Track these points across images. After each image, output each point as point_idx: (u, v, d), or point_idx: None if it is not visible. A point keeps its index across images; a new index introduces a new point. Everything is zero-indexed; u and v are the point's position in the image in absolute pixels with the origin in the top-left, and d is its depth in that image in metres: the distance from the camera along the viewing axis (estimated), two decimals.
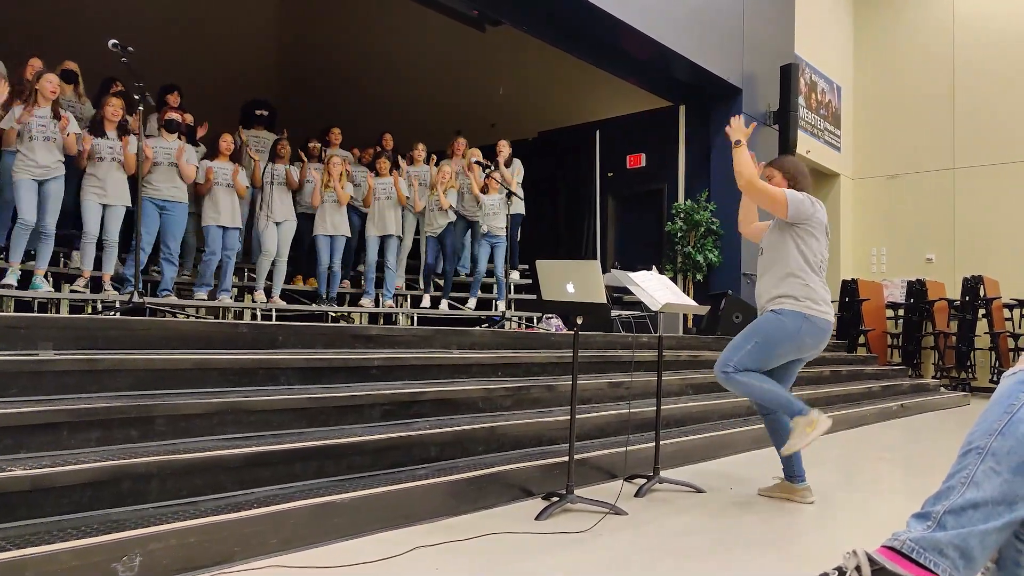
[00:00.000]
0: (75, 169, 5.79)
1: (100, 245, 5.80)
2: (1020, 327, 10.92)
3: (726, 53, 9.55)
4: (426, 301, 7.78)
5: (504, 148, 8.38)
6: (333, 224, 7.19)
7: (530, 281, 8.68)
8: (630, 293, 4.11)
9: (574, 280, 3.38)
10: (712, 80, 9.49)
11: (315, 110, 12.09)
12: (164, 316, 4.96)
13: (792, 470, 3.78)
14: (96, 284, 5.93)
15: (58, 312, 5.54)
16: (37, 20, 9.78)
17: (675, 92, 10.27)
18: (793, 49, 10.85)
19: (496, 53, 11.59)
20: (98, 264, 5.92)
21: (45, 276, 5.54)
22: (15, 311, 5.26)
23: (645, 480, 3.94)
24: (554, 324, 7.67)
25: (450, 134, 9.03)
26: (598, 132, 10.76)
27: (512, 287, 8.57)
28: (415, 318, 7.66)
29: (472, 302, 7.95)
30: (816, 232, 3.59)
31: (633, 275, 3.99)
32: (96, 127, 5.76)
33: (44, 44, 6.67)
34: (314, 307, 7.16)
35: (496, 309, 8.01)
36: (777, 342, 3.56)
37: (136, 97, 5.02)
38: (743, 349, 3.60)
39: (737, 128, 3.72)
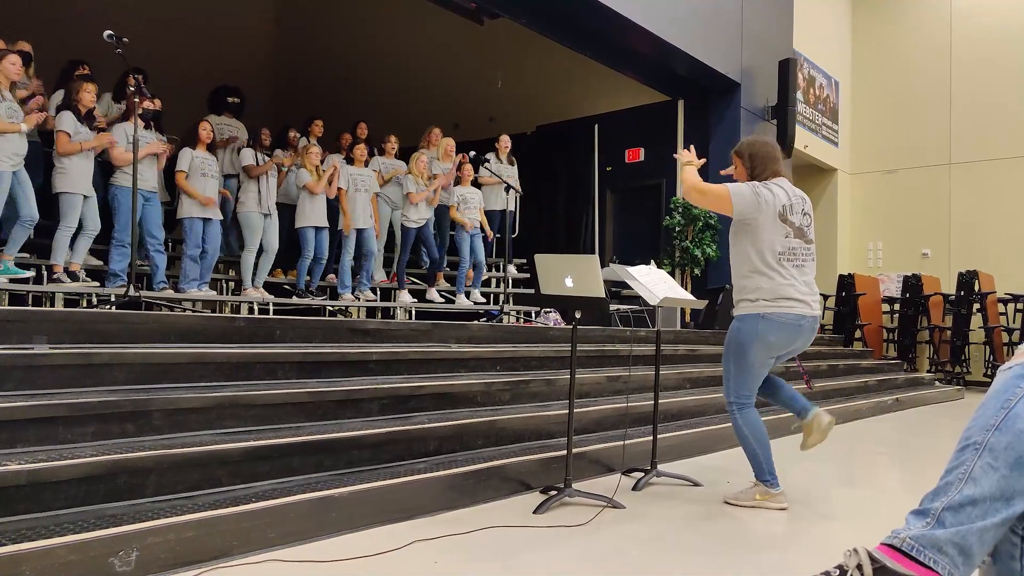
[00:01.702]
0: (41, 155, 5.62)
1: (82, 236, 5.71)
2: (1014, 321, 10.96)
3: (725, 48, 9.54)
4: (406, 296, 7.72)
5: (505, 143, 8.34)
6: (319, 216, 7.13)
7: (529, 275, 8.68)
8: (628, 287, 4.10)
9: (573, 274, 3.38)
10: (711, 75, 9.48)
11: (311, 103, 12.04)
12: (160, 310, 4.95)
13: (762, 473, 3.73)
14: (71, 275, 5.85)
15: (53, 306, 5.51)
16: (29, 11, 9.72)
17: (674, 86, 10.25)
18: (792, 44, 10.84)
19: (494, 47, 11.56)
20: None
21: (35, 268, 5.48)
22: (9, 304, 5.24)
23: (643, 474, 3.95)
24: (552, 318, 7.67)
25: (447, 128, 9.01)
26: (597, 126, 10.75)
27: (511, 281, 8.56)
28: (413, 312, 7.64)
29: (461, 297, 7.91)
30: (766, 224, 3.38)
31: (631, 269, 3.99)
32: (75, 113, 5.56)
33: (37, 36, 6.61)
34: (312, 301, 7.13)
35: (471, 297, 7.92)
36: (745, 352, 3.45)
37: (131, 89, 4.99)
38: (730, 376, 3.53)
39: (688, 158, 3.66)
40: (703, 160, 3.70)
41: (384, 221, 7.99)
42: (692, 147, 3.75)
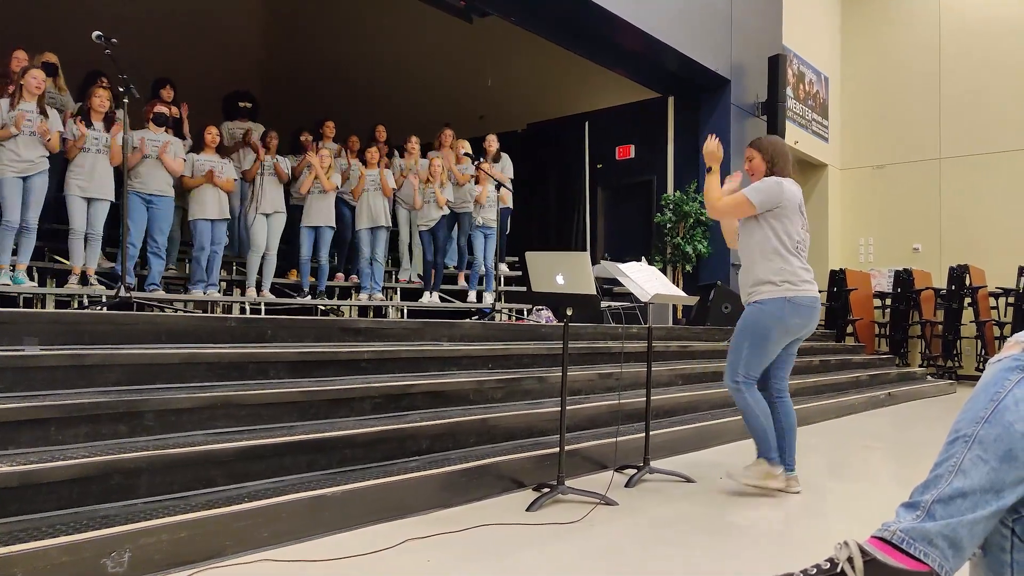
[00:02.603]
0: (57, 163, 5.69)
1: (84, 238, 5.74)
2: (1006, 315, 11.01)
3: (715, 44, 9.56)
4: (435, 298, 7.76)
5: (492, 143, 8.36)
6: (318, 216, 7.14)
7: (520, 273, 8.69)
8: (620, 284, 4.11)
9: (564, 271, 3.38)
10: (701, 71, 9.50)
11: (302, 102, 12.01)
12: (152, 311, 4.93)
13: (783, 458, 3.79)
14: (81, 278, 5.88)
15: (44, 307, 5.49)
16: (19, 10, 9.65)
17: (664, 83, 10.27)
18: (781, 40, 10.87)
19: (484, 44, 11.54)
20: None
21: (29, 271, 5.49)
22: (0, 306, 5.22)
23: (635, 470, 3.96)
24: (544, 316, 7.68)
25: (438, 126, 9.00)
26: (587, 124, 10.75)
27: (503, 279, 8.57)
28: (405, 311, 7.64)
29: (473, 294, 7.95)
30: (788, 214, 3.59)
31: (623, 266, 4.00)
32: (84, 117, 5.68)
33: (27, 35, 6.59)
34: (304, 301, 7.13)
35: (483, 300, 7.99)
36: (766, 334, 3.56)
37: (121, 89, 4.97)
38: (742, 355, 3.60)
39: (711, 153, 3.81)
40: (721, 148, 3.83)
41: (402, 223, 8.03)
42: (715, 138, 3.87)
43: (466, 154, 7.76)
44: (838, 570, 1.60)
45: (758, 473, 3.63)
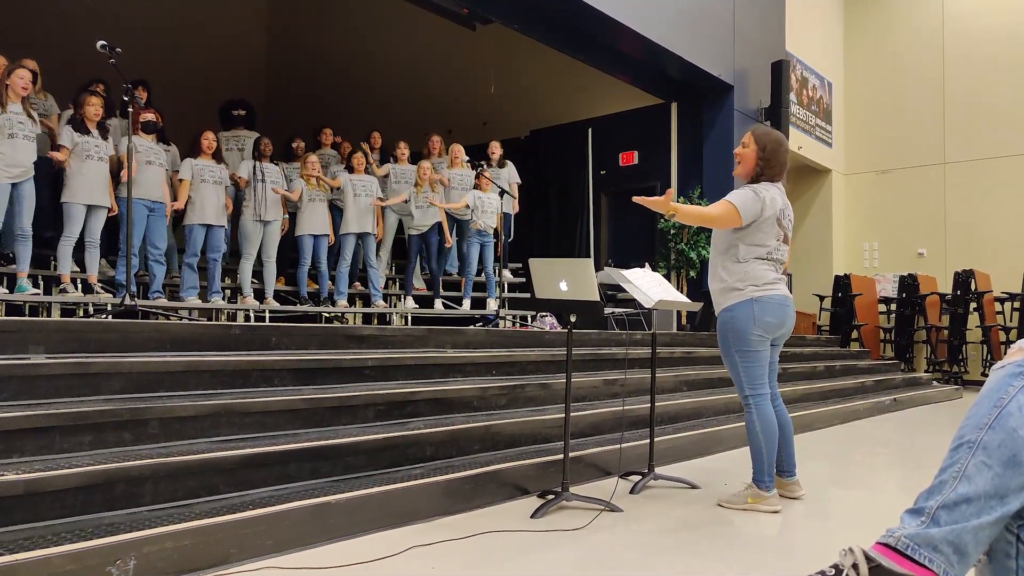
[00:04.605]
0: (45, 169, 5.66)
1: (82, 246, 5.73)
2: (1011, 320, 10.98)
3: (717, 50, 9.57)
4: (410, 302, 7.72)
5: (496, 149, 8.37)
6: (317, 224, 7.14)
7: (524, 280, 8.69)
8: (624, 291, 4.11)
9: (567, 278, 3.38)
10: (704, 77, 9.51)
11: (304, 109, 12.07)
12: (156, 318, 4.94)
13: (782, 465, 3.76)
14: (85, 287, 5.89)
15: (49, 315, 5.51)
16: (15, 16, 9.68)
17: (667, 89, 10.28)
18: (784, 45, 10.87)
19: (487, 51, 11.58)
20: (80, 265, 5.87)
21: (31, 278, 5.49)
22: (5, 315, 5.23)
23: (640, 477, 3.95)
24: (548, 322, 7.67)
25: (441, 132, 9.03)
26: (590, 130, 10.76)
27: (506, 286, 8.57)
28: (408, 318, 7.64)
29: (467, 303, 7.93)
30: (764, 227, 3.46)
31: (626, 272, 4.00)
32: (78, 126, 5.65)
33: (26, 41, 6.60)
34: (307, 308, 7.13)
35: (488, 308, 7.99)
36: (745, 337, 3.48)
37: (125, 98, 4.99)
38: (738, 369, 3.55)
39: (662, 204, 3.36)
40: (668, 191, 3.49)
41: (391, 228, 8.02)
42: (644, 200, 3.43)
43: (469, 162, 7.76)
44: None
45: (747, 497, 3.57)
